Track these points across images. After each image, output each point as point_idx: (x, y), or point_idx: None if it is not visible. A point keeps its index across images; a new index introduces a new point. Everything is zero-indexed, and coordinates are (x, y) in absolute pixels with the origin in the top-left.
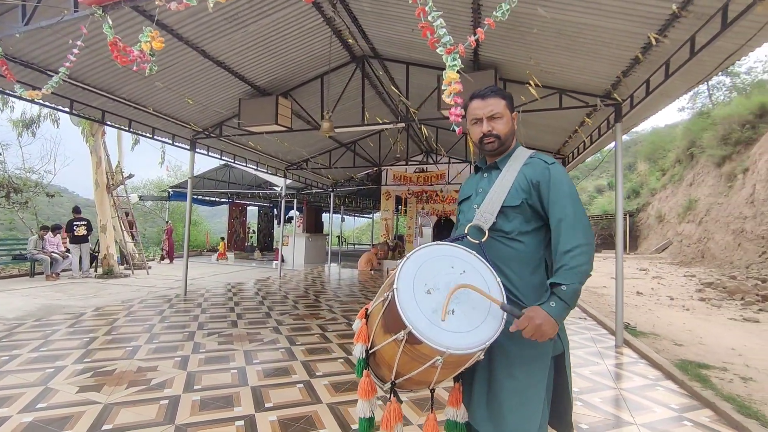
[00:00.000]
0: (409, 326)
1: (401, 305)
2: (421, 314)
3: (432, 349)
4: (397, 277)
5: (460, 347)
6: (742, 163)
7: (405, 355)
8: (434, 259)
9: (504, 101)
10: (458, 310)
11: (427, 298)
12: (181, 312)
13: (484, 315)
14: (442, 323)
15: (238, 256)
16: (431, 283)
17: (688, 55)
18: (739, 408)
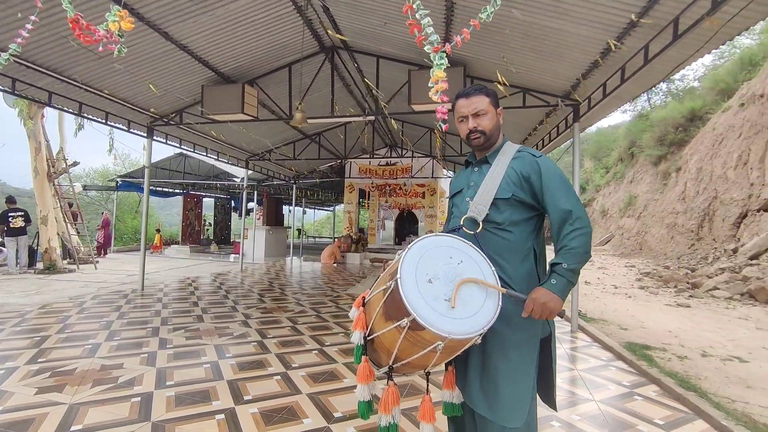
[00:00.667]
0: (413, 313)
1: (405, 294)
2: (424, 302)
3: (434, 335)
4: (400, 267)
5: (461, 333)
6: (676, 162)
7: (406, 340)
8: (434, 250)
9: (488, 98)
10: (459, 297)
11: (428, 286)
12: (141, 308)
13: (482, 302)
14: (443, 310)
15: (193, 249)
16: (432, 272)
17: (642, 61)
18: (680, 383)
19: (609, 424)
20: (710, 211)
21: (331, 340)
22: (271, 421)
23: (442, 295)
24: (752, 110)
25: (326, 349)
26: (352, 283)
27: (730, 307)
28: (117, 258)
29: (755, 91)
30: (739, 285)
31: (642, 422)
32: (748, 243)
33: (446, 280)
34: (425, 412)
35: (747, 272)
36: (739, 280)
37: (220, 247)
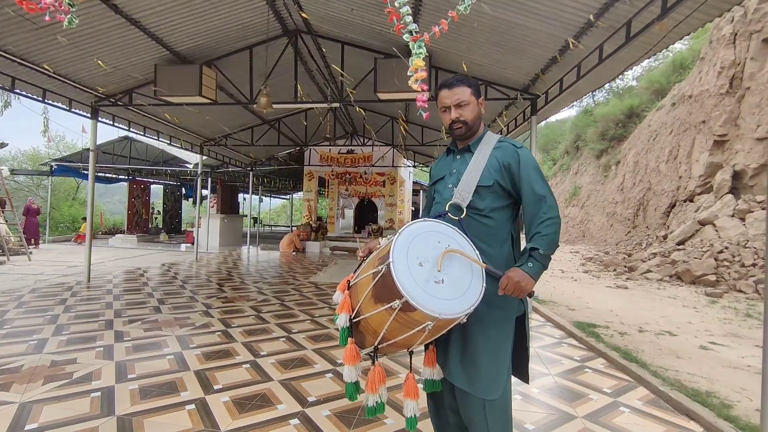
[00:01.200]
0: (405, 296)
1: (397, 276)
2: (416, 284)
3: (425, 316)
4: (392, 251)
5: (450, 313)
6: (615, 156)
7: (396, 322)
8: (423, 235)
9: (469, 89)
10: (446, 279)
11: (419, 269)
12: (90, 300)
13: (468, 284)
14: (434, 291)
15: (141, 239)
16: (422, 256)
17: (597, 60)
18: (623, 355)
19: (565, 395)
20: (644, 201)
21: (298, 327)
22: (244, 409)
23: (432, 278)
24: (682, 109)
25: (294, 336)
26: (313, 272)
27: (661, 288)
28: (53, 249)
29: (685, 92)
30: (668, 268)
31: (593, 392)
32: (676, 230)
33: (434, 263)
34: (409, 389)
35: (675, 256)
36: (669, 263)
37: (171, 237)
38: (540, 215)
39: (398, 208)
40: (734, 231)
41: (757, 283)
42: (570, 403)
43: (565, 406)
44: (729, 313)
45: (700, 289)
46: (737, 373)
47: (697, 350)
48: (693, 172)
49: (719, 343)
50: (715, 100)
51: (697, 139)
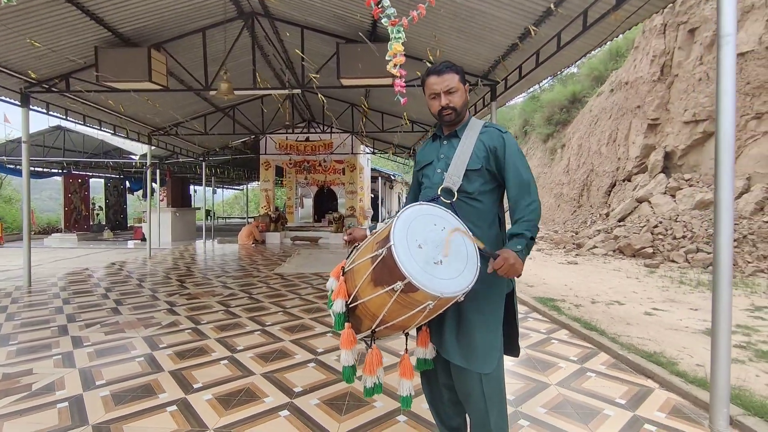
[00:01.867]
0: (408, 277)
1: (400, 259)
2: (417, 265)
3: (427, 295)
4: (393, 235)
5: (450, 291)
6: (561, 140)
7: (396, 303)
8: (420, 218)
9: (458, 76)
10: (444, 260)
11: (418, 251)
12: (35, 306)
13: (464, 264)
14: (434, 272)
15: (82, 237)
16: (421, 238)
17: (555, 48)
18: (584, 326)
19: (537, 366)
20: (588, 181)
21: (271, 320)
22: (230, 405)
23: (432, 259)
24: (619, 95)
25: (269, 329)
26: (277, 263)
27: (607, 262)
28: None
29: (622, 79)
30: (611, 243)
31: (561, 360)
32: (616, 208)
33: (432, 245)
34: (405, 369)
35: (617, 232)
36: (611, 239)
37: (116, 234)
38: (524, 200)
39: (359, 195)
40: (666, 207)
41: (687, 253)
42: (543, 373)
43: (539, 375)
44: (665, 282)
45: (639, 261)
46: (678, 334)
47: (643, 316)
48: (630, 154)
49: (660, 309)
50: (648, 87)
51: (633, 123)
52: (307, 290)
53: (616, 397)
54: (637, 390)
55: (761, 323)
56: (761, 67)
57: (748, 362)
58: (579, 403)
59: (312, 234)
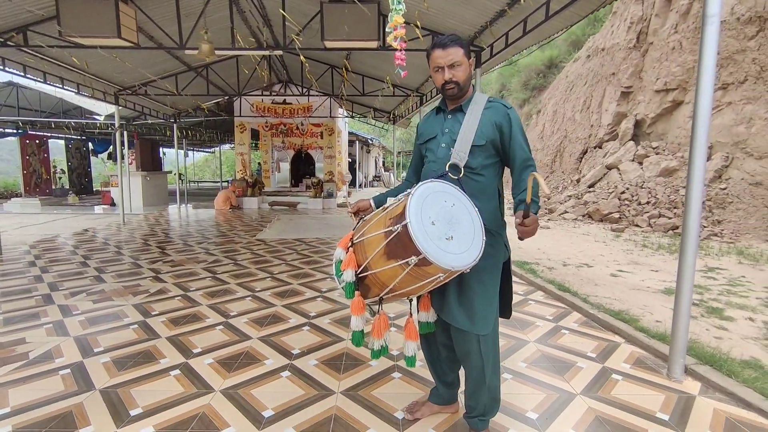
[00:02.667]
0: (423, 253)
1: (415, 236)
2: (431, 241)
3: (438, 269)
4: (408, 213)
5: (460, 265)
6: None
7: (409, 275)
8: (432, 195)
9: (462, 50)
10: (455, 236)
11: (432, 228)
12: (11, 275)
13: (471, 238)
14: (446, 247)
15: (45, 202)
16: (433, 215)
17: (544, 17)
18: (558, 287)
19: (517, 325)
20: (561, 148)
21: (260, 286)
22: (232, 368)
23: (444, 235)
24: (595, 61)
25: (259, 294)
26: (258, 229)
27: (576, 227)
28: None
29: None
30: (581, 208)
31: (538, 319)
32: (587, 174)
33: (444, 221)
34: (410, 331)
35: (586, 198)
36: (582, 204)
37: (82, 198)
38: (527, 173)
39: (337, 159)
40: (634, 174)
41: (650, 218)
42: (522, 331)
43: (519, 333)
44: (630, 245)
45: (607, 225)
46: (640, 294)
47: (610, 278)
48: (602, 121)
49: (625, 271)
50: (624, 54)
51: (607, 90)
52: (292, 256)
53: (588, 351)
54: (606, 345)
55: (712, 283)
56: (731, 38)
57: (699, 318)
58: (555, 357)
59: (290, 199)
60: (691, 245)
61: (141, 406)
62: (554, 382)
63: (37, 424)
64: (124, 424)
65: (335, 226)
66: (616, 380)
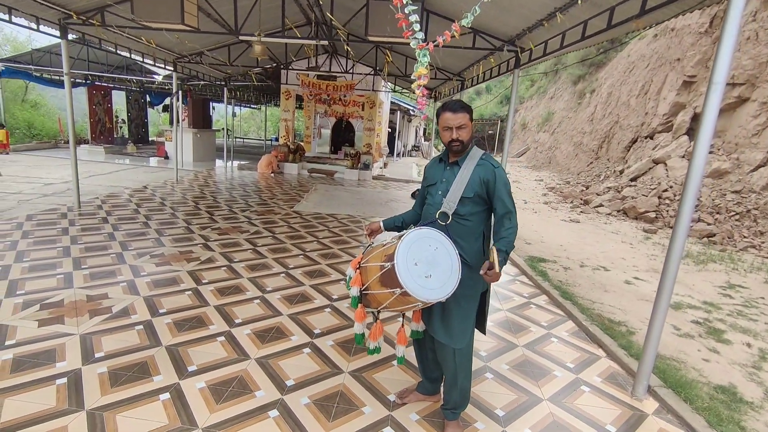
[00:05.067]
0: (405, 288)
1: (400, 275)
2: (413, 279)
3: (417, 300)
4: (396, 255)
5: (434, 298)
6: (591, 84)
7: (396, 300)
8: (418, 241)
9: (468, 115)
10: (434, 274)
11: (414, 268)
12: (90, 230)
13: (448, 276)
14: (424, 284)
15: (108, 150)
16: (417, 258)
17: (580, 36)
18: (562, 294)
19: (512, 328)
20: (610, 134)
21: (294, 263)
22: (264, 340)
23: (423, 274)
24: (662, 42)
25: (292, 272)
26: (295, 198)
27: (608, 223)
28: (18, 160)
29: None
30: (617, 203)
31: (533, 325)
32: (632, 166)
33: (426, 262)
34: (401, 338)
35: (626, 192)
36: (619, 199)
37: (139, 148)
38: (506, 224)
39: (376, 131)
40: (681, 171)
41: None
42: (515, 335)
43: (511, 336)
44: (656, 250)
45: (640, 224)
46: (646, 306)
47: (622, 285)
48: (658, 110)
49: (641, 278)
50: (693, 38)
51: (669, 77)
52: (324, 233)
53: (568, 361)
54: (587, 357)
55: (726, 301)
56: None
57: (696, 337)
58: (536, 363)
59: (328, 167)
60: (670, 278)
61: (196, 365)
62: (528, 386)
63: (124, 368)
64: (185, 377)
65: (367, 202)
66: (583, 391)
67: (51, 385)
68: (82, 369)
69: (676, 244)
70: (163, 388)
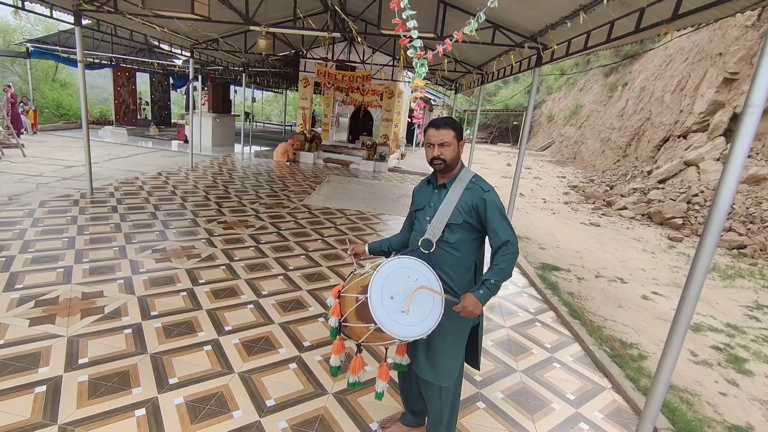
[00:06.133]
0: (378, 324)
1: (373, 309)
2: (386, 315)
3: (393, 337)
4: (370, 287)
5: (411, 336)
6: (624, 77)
7: (372, 335)
8: (397, 271)
9: (453, 132)
10: (412, 310)
11: (390, 302)
12: (98, 220)
13: (429, 311)
14: (401, 320)
15: (131, 132)
16: (394, 290)
17: (606, 38)
18: (570, 312)
19: (512, 349)
20: (641, 131)
21: (294, 264)
22: (252, 351)
23: (400, 309)
24: (704, 35)
25: (290, 274)
26: (307, 190)
27: (630, 228)
28: (44, 140)
29: None
30: (642, 206)
31: (536, 346)
32: (662, 167)
33: (403, 296)
34: (382, 373)
35: (652, 195)
36: (644, 202)
37: (161, 130)
38: (502, 251)
39: (394, 121)
40: (714, 175)
41: None
42: (514, 357)
43: (510, 359)
44: (680, 261)
45: (665, 231)
46: (663, 326)
47: (639, 300)
48: (695, 108)
49: (660, 293)
50: (738, 32)
51: (708, 73)
52: (330, 231)
53: (569, 392)
54: (590, 388)
55: (752, 325)
56: None
57: (715, 366)
58: (534, 393)
59: (344, 157)
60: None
61: (177, 377)
62: (522, 421)
63: (105, 377)
64: (164, 390)
65: (379, 197)
66: (581, 430)
67: (29, 394)
68: (63, 377)
69: (703, 256)
70: (140, 403)
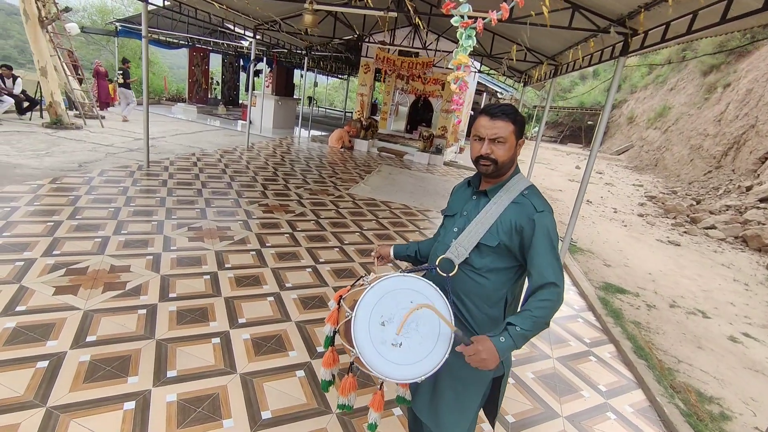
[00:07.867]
0: (359, 353)
1: (355, 334)
2: (371, 344)
3: (373, 372)
4: (357, 307)
5: (398, 377)
6: (727, 77)
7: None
8: (396, 292)
9: (513, 126)
10: (405, 343)
11: (379, 329)
12: (146, 192)
13: (429, 350)
14: (387, 354)
15: (200, 110)
16: (387, 315)
17: (720, 18)
18: (635, 348)
19: (558, 387)
20: (742, 140)
21: (325, 256)
22: (260, 351)
23: (390, 340)
24: None
25: (320, 267)
26: (354, 178)
27: (719, 251)
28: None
29: None
30: (736, 228)
31: (588, 387)
32: (765, 183)
33: (399, 323)
34: (375, 402)
35: (750, 215)
36: (739, 222)
37: (229, 109)
38: (541, 295)
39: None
40: None
41: None
42: (559, 398)
43: (553, 400)
44: None
45: (763, 259)
46: (755, 378)
47: (725, 341)
48: None
49: (752, 336)
50: None
51: None
52: (370, 224)
53: None
54: None
55: None
56: None
57: None
58: None
59: (399, 147)
60: None
61: (177, 369)
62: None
63: (107, 360)
64: (160, 383)
65: (428, 192)
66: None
67: (31, 368)
68: (67, 354)
69: None
70: (132, 395)
